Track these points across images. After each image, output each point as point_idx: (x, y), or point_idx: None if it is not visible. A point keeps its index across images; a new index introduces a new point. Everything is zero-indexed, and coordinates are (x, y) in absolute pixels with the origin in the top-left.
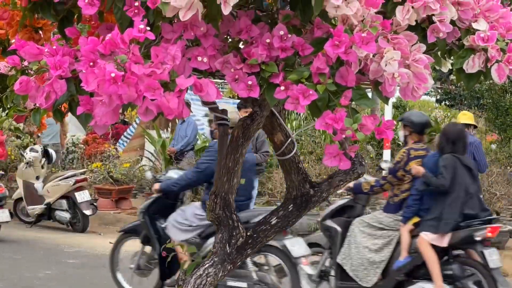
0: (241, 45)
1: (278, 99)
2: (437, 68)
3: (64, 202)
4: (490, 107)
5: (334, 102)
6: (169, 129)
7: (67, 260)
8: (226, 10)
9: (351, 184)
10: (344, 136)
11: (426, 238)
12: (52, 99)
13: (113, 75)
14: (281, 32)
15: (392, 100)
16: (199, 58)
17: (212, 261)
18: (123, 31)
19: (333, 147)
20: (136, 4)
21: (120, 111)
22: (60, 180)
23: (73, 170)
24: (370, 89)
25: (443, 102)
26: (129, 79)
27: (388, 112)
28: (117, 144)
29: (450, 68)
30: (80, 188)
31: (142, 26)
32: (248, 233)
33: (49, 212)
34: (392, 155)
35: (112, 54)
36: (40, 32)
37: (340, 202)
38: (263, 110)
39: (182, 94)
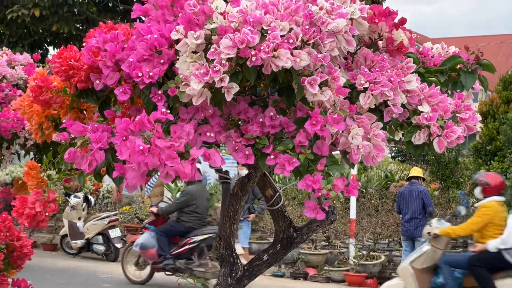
0: (240, 123)
1: (269, 165)
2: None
3: (100, 238)
4: (433, 162)
5: (312, 168)
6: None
7: (102, 284)
8: (229, 97)
9: None
10: (320, 194)
11: None
12: (94, 166)
13: (141, 147)
14: (271, 113)
15: None
16: (208, 134)
17: None
18: (149, 113)
19: (312, 202)
20: (159, 92)
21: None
22: (97, 220)
23: (107, 212)
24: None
25: (397, 158)
26: (153, 150)
27: (355, 167)
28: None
29: (401, 137)
30: (112, 226)
31: (164, 110)
32: (245, 267)
33: (88, 246)
34: (358, 200)
35: (140, 131)
36: (85, 112)
37: None
38: (257, 171)
39: (194, 162)
